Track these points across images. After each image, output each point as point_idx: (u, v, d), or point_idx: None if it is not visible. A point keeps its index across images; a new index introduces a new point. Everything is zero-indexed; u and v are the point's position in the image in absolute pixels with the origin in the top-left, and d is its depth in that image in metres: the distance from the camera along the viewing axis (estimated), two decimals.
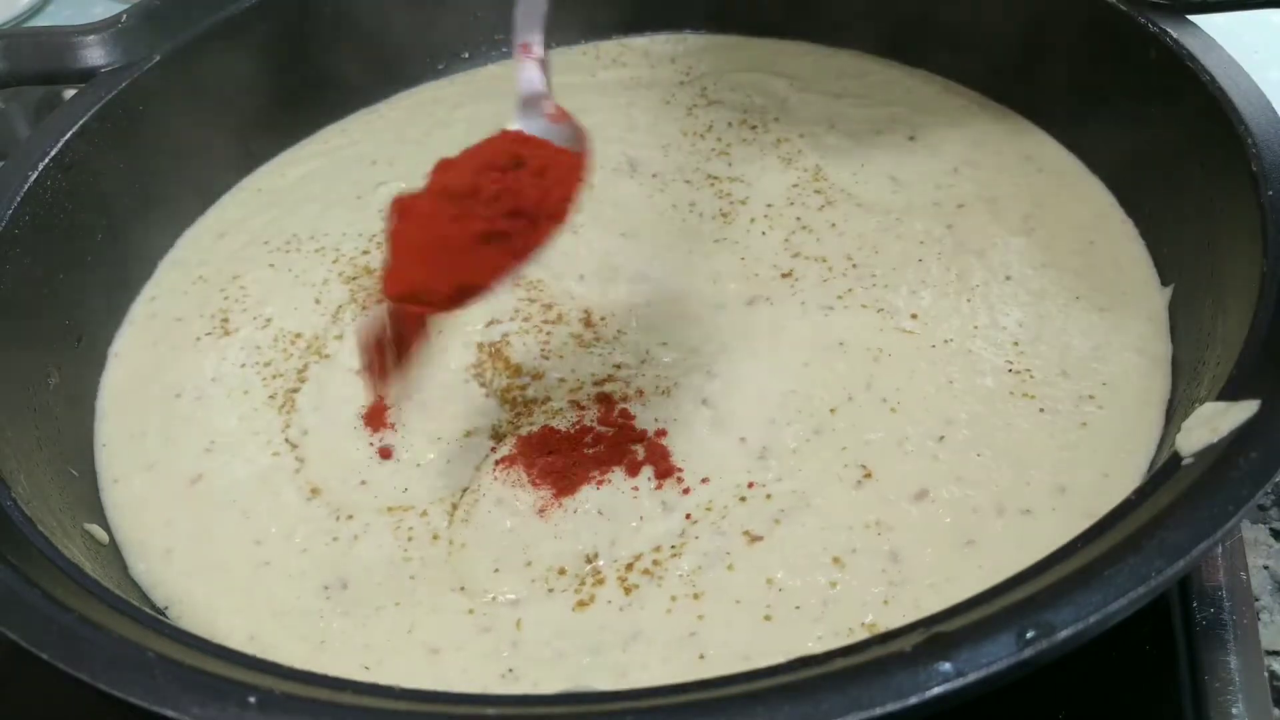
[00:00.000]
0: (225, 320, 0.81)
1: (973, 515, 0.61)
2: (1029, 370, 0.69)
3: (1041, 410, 0.66)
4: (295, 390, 0.74)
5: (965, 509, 0.61)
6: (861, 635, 0.56)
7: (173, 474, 0.70)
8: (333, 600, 0.62)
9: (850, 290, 0.75)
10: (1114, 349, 0.70)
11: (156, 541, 0.67)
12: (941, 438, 0.65)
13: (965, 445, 0.65)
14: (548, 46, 0.69)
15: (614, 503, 0.64)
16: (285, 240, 0.87)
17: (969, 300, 0.74)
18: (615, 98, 0.97)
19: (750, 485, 0.64)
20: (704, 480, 0.65)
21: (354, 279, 0.82)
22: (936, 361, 0.70)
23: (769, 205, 0.83)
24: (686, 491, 0.64)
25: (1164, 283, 0.74)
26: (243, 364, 0.77)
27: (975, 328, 0.72)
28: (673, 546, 0.62)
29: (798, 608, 0.58)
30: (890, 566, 0.59)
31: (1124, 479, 0.62)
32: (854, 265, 0.77)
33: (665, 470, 0.65)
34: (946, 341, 0.71)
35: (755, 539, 0.61)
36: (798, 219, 0.82)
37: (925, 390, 0.68)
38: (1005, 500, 0.62)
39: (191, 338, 0.80)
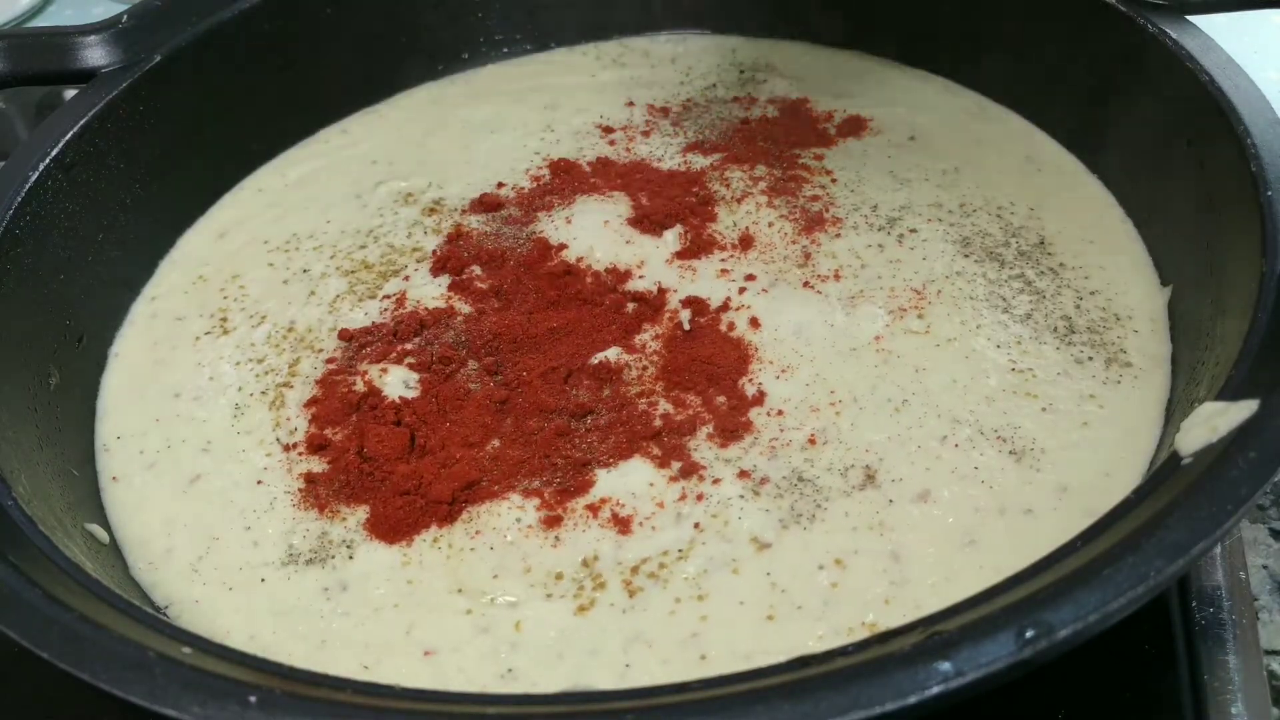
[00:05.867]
0: (224, 319, 0.81)
1: (974, 515, 0.61)
2: (1031, 370, 0.69)
3: (1044, 410, 0.66)
4: (286, 385, 0.74)
5: (967, 509, 0.61)
6: (862, 634, 0.56)
7: (172, 474, 0.70)
8: (332, 601, 0.62)
9: (861, 291, 0.75)
10: (1114, 349, 0.70)
11: (157, 541, 0.67)
12: (945, 438, 0.65)
13: (968, 445, 0.65)
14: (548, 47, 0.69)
15: (625, 503, 0.64)
16: (285, 240, 0.87)
17: (971, 299, 0.74)
18: (615, 98, 0.97)
19: (761, 484, 0.64)
20: (715, 481, 0.65)
21: (351, 273, 0.82)
22: (941, 361, 0.70)
23: (771, 206, 0.83)
24: (700, 498, 0.64)
25: (1164, 283, 0.74)
26: (238, 362, 0.77)
27: (978, 327, 0.72)
28: (680, 550, 0.61)
29: (800, 607, 0.58)
30: (891, 567, 0.59)
31: (1124, 478, 0.62)
32: (863, 266, 0.77)
33: (690, 468, 0.65)
34: (950, 341, 0.71)
35: (764, 546, 0.61)
36: (801, 220, 0.82)
37: (929, 390, 0.68)
38: (1007, 500, 0.62)
39: (191, 337, 0.80)
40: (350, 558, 0.64)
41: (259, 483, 0.69)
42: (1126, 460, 0.63)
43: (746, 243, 0.80)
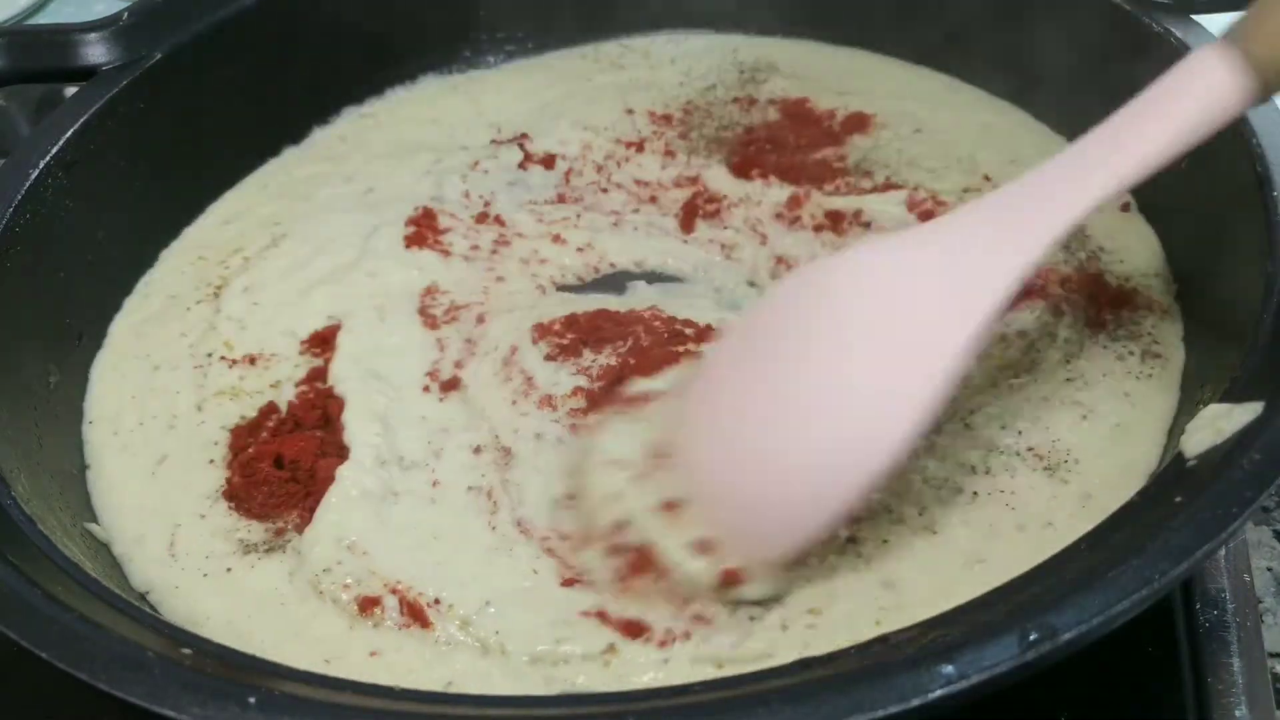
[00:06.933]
0: (219, 289, 0.81)
1: (987, 534, 0.59)
2: (1083, 376, 0.66)
3: (1084, 417, 0.64)
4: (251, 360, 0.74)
5: (980, 531, 0.59)
6: None
7: (143, 454, 0.70)
8: (296, 587, 0.61)
9: None
10: (1148, 340, 0.69)
11: (130, 526, 0.66)
12: (974, 468, 0.62)
13: (1001, 469, 0.62)
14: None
15: None
16: (292, 226, 0.86)
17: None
18: (615, 99, 0.96)
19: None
20: None
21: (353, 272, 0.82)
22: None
23: (777, 203, 0.83)
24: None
25: (1174, 281, 0.73)
26: (214, 326, 0.77)
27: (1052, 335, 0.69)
28: None
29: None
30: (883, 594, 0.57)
31: (1129, 481, 0.60)
32: None
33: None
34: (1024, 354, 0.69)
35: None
36: (808, 216, 0.81)
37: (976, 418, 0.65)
38: (1029, 518, 0.59)
39: (183, 309, 0.80)
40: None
41: (210, 462, 0.68)
42: (1132, 462, 0.61)
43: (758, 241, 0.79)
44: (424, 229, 0.83)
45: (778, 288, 0.61)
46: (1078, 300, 0.71)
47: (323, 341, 0.75)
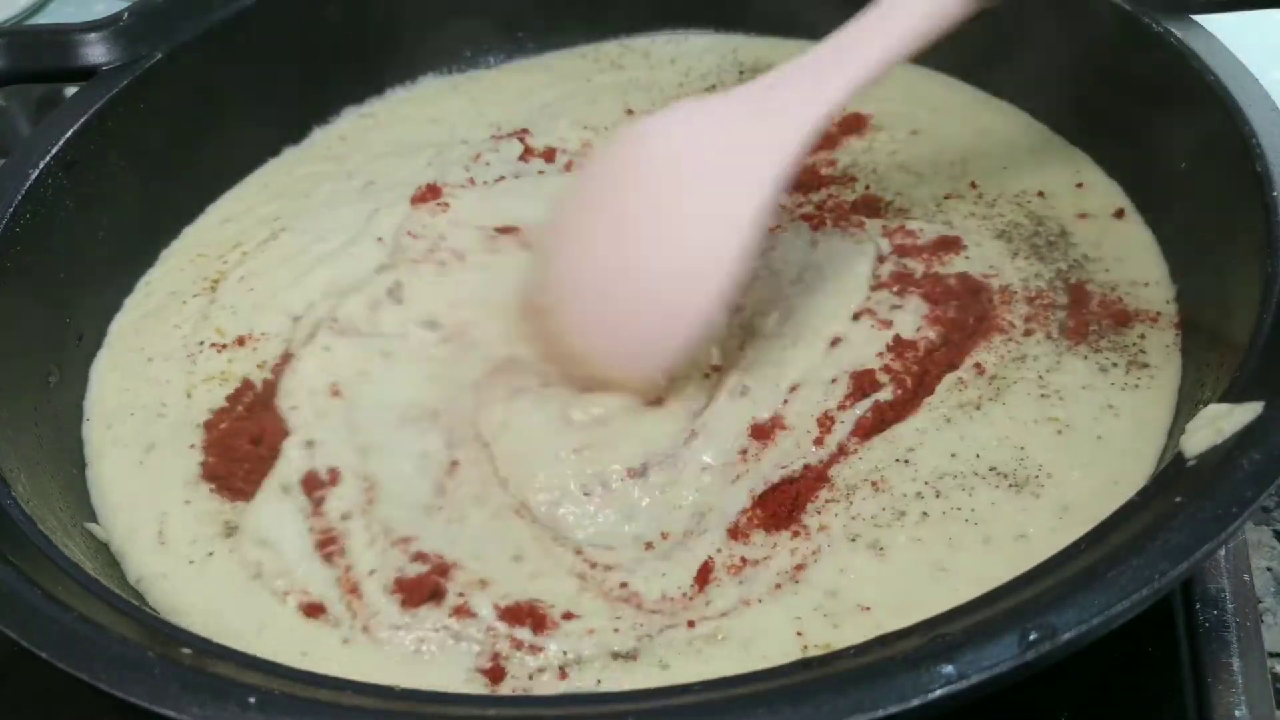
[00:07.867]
0: (216, 281, 0.81)
1: (947, 548, 0.58)
2: (1059, 392, 0.66)
3: (1059, 433, 0.63)
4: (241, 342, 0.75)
5: (938, 546, 0.58)
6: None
7: (133, 444, 0.70)
8: (267, 581, 0.61)
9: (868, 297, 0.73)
10: (1134, 350, 0.68)
11: (124, 519, 0.66)
12: (919, 495, 0.61)
13: (956, 488, 0.61)
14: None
15: None
16: (292, 222, 0.86)
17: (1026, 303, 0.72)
18: (615, 99, 0.96)
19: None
20: None
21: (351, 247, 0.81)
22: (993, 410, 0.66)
23: (779, 205, 0.82)
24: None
25: (1172, 280, 0.73)
26: (206, 315, 0.77)
27: (1033, 357, 0.68)
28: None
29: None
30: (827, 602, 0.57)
31: (1129, 485, 0.59)
32: None
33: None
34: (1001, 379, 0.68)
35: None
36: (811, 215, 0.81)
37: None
38: (994, 530, 0.58)
39: (180, 303, 0.80)
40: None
41: (191, 446, 0.69)
42: (1132, 466, 0.61)
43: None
44: (430, 200, 0.83)
45: (617, 141, 0.69)
46: (1053, 314, 0.70)
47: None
